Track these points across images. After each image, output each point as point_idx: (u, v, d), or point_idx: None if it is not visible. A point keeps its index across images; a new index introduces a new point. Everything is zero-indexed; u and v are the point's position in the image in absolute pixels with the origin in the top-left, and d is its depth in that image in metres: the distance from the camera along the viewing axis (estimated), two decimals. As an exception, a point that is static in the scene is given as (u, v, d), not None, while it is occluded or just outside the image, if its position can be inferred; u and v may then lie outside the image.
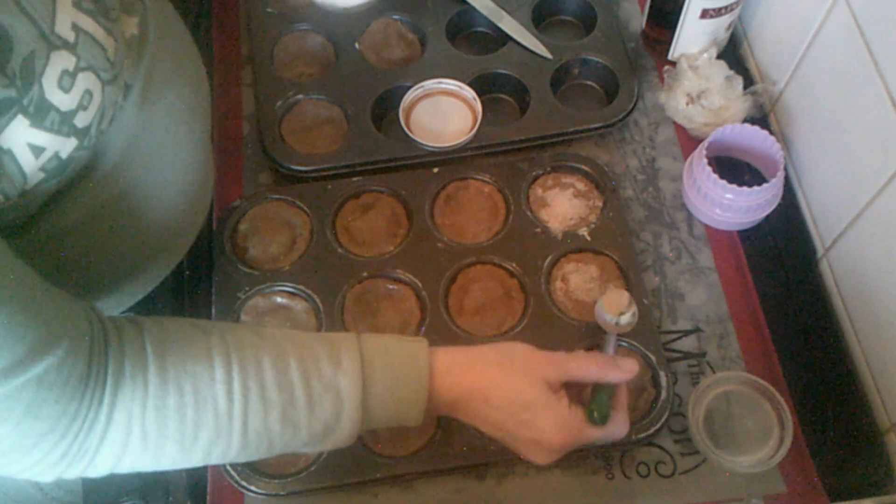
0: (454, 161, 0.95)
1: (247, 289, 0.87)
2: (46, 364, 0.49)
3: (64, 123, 0.52)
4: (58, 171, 0.54)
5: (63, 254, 0.61)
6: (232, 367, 0.57)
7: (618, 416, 0.69)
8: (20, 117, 0.49)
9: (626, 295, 0.77)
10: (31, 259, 0.52)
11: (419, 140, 0.94)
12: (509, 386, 0.65)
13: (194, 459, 0.58)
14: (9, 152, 0.49)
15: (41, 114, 0.50)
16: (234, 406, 0.57)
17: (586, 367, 0.68)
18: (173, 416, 0.55)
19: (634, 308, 0.75)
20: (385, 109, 1.00)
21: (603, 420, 0.68)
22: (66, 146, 0.53)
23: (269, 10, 1.07)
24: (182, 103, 0.69)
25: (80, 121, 0.54)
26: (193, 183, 0.74)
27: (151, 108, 0.64)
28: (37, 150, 0.51)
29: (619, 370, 0.69)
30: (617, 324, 0.75)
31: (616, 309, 0.76)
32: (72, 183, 0.59)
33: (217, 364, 0.57)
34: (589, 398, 0.69)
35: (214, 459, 0.59)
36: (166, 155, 0.68)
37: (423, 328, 0.84)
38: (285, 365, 0.59)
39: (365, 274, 0.87)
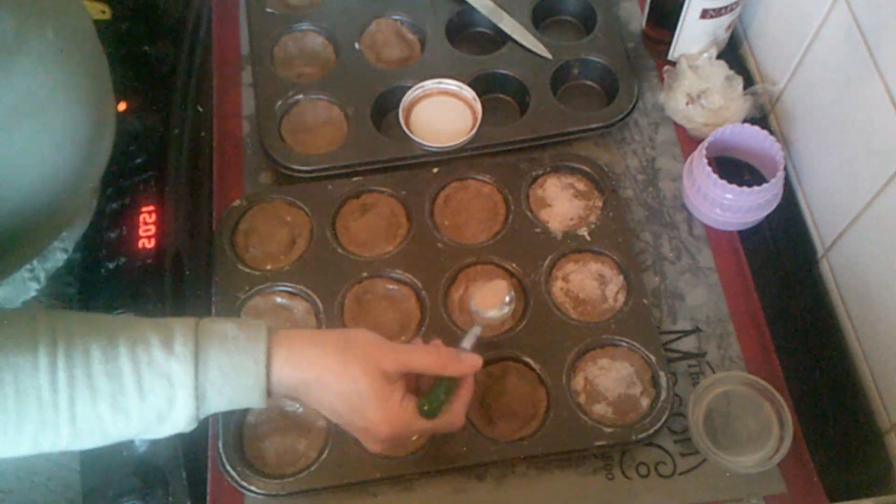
0: (454, 161, 0.95)
1: (247, 289, 0.87)
2: None
3: None
4: None
5: None
6: (57, 357, 0.57)
7: (453, 409, 0.70)
8: None
9: (503, 290, 0.76)
10: None
11: (419, 140, 0.94)
12: (346, 374, 0.65)
13: (23, 449, 0.58)
14: None
15: None
16: (58, 396, 0.57)
17: (426, 360, 0.69)
18: None
19: (508, 308, 0.75)
20: (385, 109, 1.00)
21: (432, 413, 0.68)
22: None
23: (269, 10, 1.07)
24: (49, 53, 0.63)
25: None
26: (71, 143, 0.69)
27: None
28: None
29: (461, 364, 0.70)
30: (482, 316, 0.75)
31: (489, 305, 0.76)
32: None
33: (41, 354, 0.56)
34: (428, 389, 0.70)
35: (47, 448, 0.59)
36: (27, 115, 0.63)
37: (423, 328, 0.84)
38: (115, 353, 0.59)
39: (365, 274, 0.87)
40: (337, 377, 0.65)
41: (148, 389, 0.59)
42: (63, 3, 0.67)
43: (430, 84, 0.98)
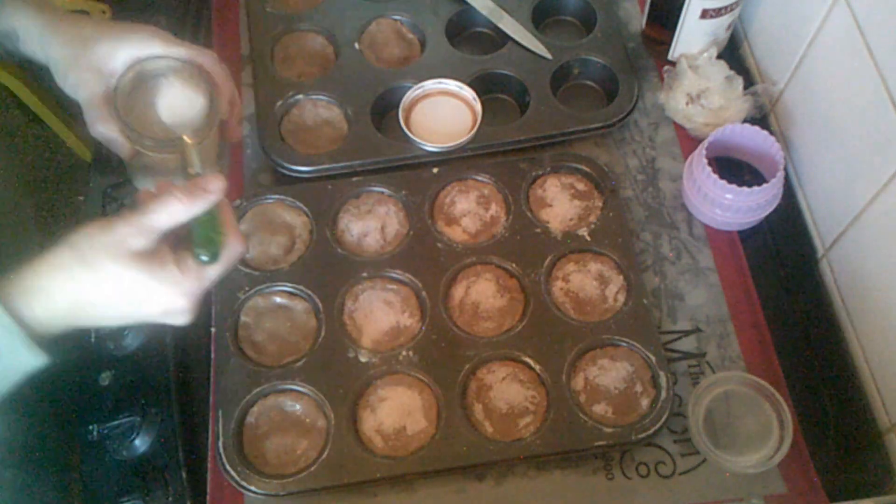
0: (454, 161, 0.95)
1: (247, 289, 0.87)
2: None
3: None
4: None
5: None
6: None
7: (229, 239, 0.64)
8: None
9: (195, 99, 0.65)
10: None
11: (419, 140, 0.94)
12: (105, 279, 0.59)
13: None
14: None
15: None
16: None
17: (169, 210, 0.60)
18: None
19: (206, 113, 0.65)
20: (385, 109, 1.00)
21: (215, 257, 0.62)
22: None
23: (269, 10, 1.07)
24: None
25: None
26: None
27: None
28: None
29: (206, 193, 0.61)
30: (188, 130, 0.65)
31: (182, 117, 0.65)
32: None
33: None
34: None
35: None
36: None
37: (423, 328, 0.84)
38: None
39: (365, 274, 0.87)
40: (97, 287, 0.60)
41: None
42: None
43: (430, 84, 0.98)
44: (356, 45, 1.04)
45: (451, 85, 0.98)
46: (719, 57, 0.98)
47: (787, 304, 0.88)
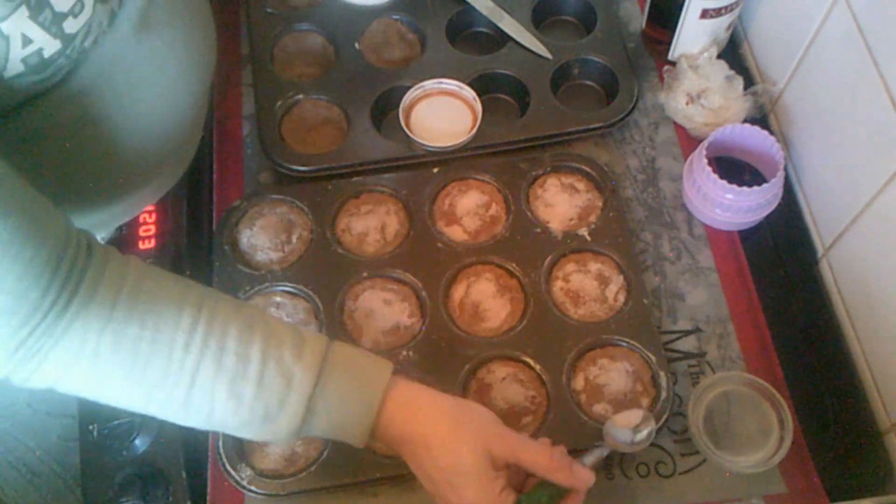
0: (454, 161, 0.95)
1: (247, 289, 0.87)
2: None
3: (54, 24, 0.55)
4: (38, 68, 0.57)
5: (39, 158, 0.63)
6: (199, 322, 0.58)
7: None
8: (23, 7, 0.53)
9: (640, 416, 0.72)
10: (9, 157, 0.54)
11: (419, 140, 0.94)
12: (453, 445, 0.63)
13: (136, 399, 0.59)
14: (7, 37, 0.53)
15: (39, 8, 0.54)
16: (188, 356, 0.58)
17: (537, 458, 0.65)
18: (128, 344, 0.56)
19: (642, 436, 0.71)
20: (385, 109, 1.00)
21: None
22: (50, 46, 0.56)
23: (269, 10, 1.07)
24: (182, 45, 0.69)
25: (69, 26, 0.57)
26: (181, 122, 0.75)
27: (146, 42, 0.65)
28: (25, 41, 0.54)
29: (570, 476, 0.65)
30: (632, 442, 0.71)
31: (624, 423, 0.71)
32: (49, 89, 0.60)
33: (186, 314, 0.58)
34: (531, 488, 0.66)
35: (154, 408, 0.60)
36: (156, 89, 0.69)
37: (423, 328, 0.84)
38: (250, 338, 0.60)
39: (365, 274, 0.88)
40: (442, 445, 0.63)
41: (267, 383, 0.60)
42: (202, 16, 0.75)
43: (430, 84, 0.98)
44: (356, 45, 1.04)
45: (451, 85, 0.98)
46: (719, 57, 0.98)
47: (787, 304, 0.88)
